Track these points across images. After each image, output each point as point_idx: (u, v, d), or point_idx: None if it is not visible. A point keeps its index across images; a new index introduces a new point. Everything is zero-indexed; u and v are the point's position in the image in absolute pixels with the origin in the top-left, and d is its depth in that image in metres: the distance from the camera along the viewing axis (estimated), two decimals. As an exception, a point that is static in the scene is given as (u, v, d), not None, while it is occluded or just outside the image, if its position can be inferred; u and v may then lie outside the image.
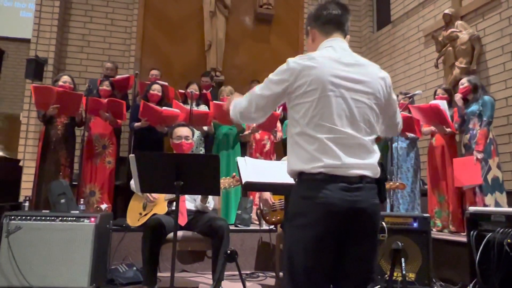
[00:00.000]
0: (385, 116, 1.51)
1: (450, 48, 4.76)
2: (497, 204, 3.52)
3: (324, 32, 1.50)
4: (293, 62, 1.40)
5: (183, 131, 2.97)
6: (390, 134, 1.68)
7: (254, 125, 4.34)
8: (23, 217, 2.67)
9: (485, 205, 3.51)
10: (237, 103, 1.56)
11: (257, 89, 1.48)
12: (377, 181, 1.39)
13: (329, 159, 1.31)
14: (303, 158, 1.35)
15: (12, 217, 2.65)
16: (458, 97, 3.92)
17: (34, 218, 2.67)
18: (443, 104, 3.95)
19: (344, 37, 1.51)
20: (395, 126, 1.61)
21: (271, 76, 1.45)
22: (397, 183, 3.10)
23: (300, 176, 1.37)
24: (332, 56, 1.40)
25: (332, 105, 1.33)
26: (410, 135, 4.27)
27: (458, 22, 4.73)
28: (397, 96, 4.58)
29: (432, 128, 4.13)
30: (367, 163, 1.35)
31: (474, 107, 3.78)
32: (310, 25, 1.54)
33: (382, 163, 1.43)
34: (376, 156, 1.39)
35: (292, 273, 1.35)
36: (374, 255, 1.40)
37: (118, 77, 4.91)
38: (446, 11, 4.82)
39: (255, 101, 1.48)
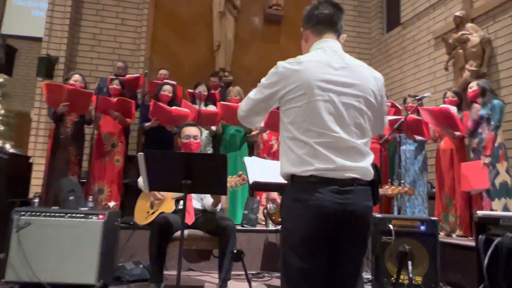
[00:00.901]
0: (375, 117, 1.49)
1: (461, 50, 4.72)
2: (505, 209, 3.48)
3: (316, 32, 1.49)
4: (281, 66, 1.41)
5: (192, 130, 2.99)
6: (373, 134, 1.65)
7: (262, 125, 4.34)
8: (33, 213, 2.70)
9: (492, 210, 3.47)
10: (241, 106, 1.57)
11: (252, 94, 1.51)
12: (371, 183, 1.39)
13: (320, 163, 1.31)
14: (294, 162, 1.35)
15: (22, 213, 2.69)
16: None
17: (43, 214, 2.71)
18: (453, 108, 3.93)
19: (337, 37, 1.50)
20: (381, 128, 1.59)
21: (262, 80, 1.47)
22: (406, 188, 3.08)
23: (292, 178, 1.37)
24: (321, 60, 1.40)
25: (321, 110, 1.33)
26: (419, 138, 4.24)
27: (469, 25, 4.69)
28: (406, 98, 4.56)
29: (436, 133, 4.14)
30: (359, 166, 1.34)
31: (483, 111, 3.74)
32: (303, 26, 1.54)
33: (376, 165, 1.42)
34: (369, 158, 1.38)
35: (287, 275, 1.37)
36: (363, 256, 1.42)
37: (128, 76, 4.95)
38: (457, 13, 4.78)
39: (251, 106, 1.51)
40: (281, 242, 1.42)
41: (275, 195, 2.94)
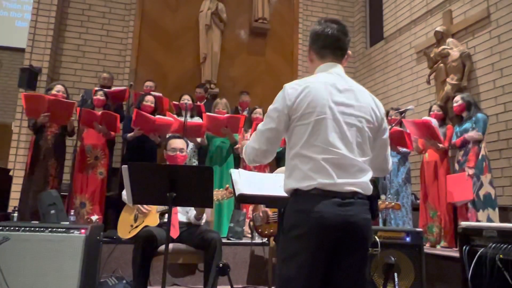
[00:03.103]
0: (375, 150, 1.52)
1: (442, 64, 4.84)
2: (489, 220, 3.55)
3: (320, 56, 1.55)
4: (289, 87, 1.46)
5: (178, 143, 2.96)
6: (376, 175, 1.63)
7: (249, 138, 4.34)
8: (12, 228, 2.61)
9: (477, 221, 3.54)
10: (248, 149, 1.55)
11: (261, 126, 1.50)
12: (370, 198, 1.44)
13: (322, 179, 1.36)
14: (298, 177, 1.41)
15: (0, 228, 2.60)
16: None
17: (22, 229, 2.62)
18: (434, 121, 4.01)
19: (341, 60, 1.54)
20: (384, 170, 1.63)
21: (270, 107, 1.49)
22: (393, 203, 3.10)
23: (295, 191, 1.42)
24: (327, 81, 1.46)
25: (328, 128, 1.39)
26: (402, 149, 4.30)
27: (449, 40, 4.83)
28: (389, 111, 4.63)
29: (420, 145, 4.21)
30: (359, 181, 1.40)
31: (467, 125, 3.84)
32: (309, 44, 1.58)
33: (374, 181, 1.48)
34: (369, 174, 1.44)
35: (286, 285, 1.37)
36: (365, 268, 1.43)
37: (113, 88, 4.91)
38: (438, 29, 4.92)
39: (264, 137, 1.49)
40: (281, 252, 1.44)
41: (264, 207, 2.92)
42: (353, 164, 1.40)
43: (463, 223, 2.72)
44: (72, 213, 3.29)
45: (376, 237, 2.82)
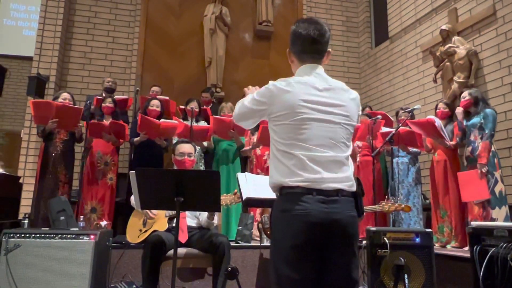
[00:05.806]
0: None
1: (448, 63, 4.80)
2: (507, 218, 3.42)
3: (299, 59, 1.57)
4: (272, 85, 1.51)
5: (186, 147, 2.97)
6: None
7: (255, 140, 4.34)
8: (22, 235, 2.64)
9: (492, 219, 3.44)
10: (236, 108, 1.67)
11: (246, 101, 1.61)
12: (354, 195, 1.47)
13: (308, 174, 1.39)
14: (283, 172, 1.44)
15: (11, 235, 2.63)
16: (459, 110, 3.92)
17: (33, 235, 2.65)
18: (437, 120, 3.96)
19: (320, 60, 1.56)
20: None
21: (255, 93, 1.57)
22: (402, 206, 3.07)
23: (280, 190, 1.46)
24: (307, 82, 1.49)
25: (306, 127, 1.43)
26: (412, 149, 4.26)
27: (455, 38, 4.79)
28: (398, 112, 4.61)
29: (429, 144, 4.17)
30: (342, 177, 1.44)
31: (475, 120, 3.76)
32: (289, 46, 1.60)
33: (358, 178, 1.52)
34: (350, 169, 1.48)
35: (279, 285, 1.40)
36: (353, 266, 1.43)
37: (118, 97, 4.97)
38: (443, 27, 4.89)
39: (243, 112, 1.62)
40: (271, 252, 1.47)
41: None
42: (335, 160, 1.44)
43: (473, 223, 2.69)
44: (81, 219, 3.31)
45: (385, 238, 2.80)
